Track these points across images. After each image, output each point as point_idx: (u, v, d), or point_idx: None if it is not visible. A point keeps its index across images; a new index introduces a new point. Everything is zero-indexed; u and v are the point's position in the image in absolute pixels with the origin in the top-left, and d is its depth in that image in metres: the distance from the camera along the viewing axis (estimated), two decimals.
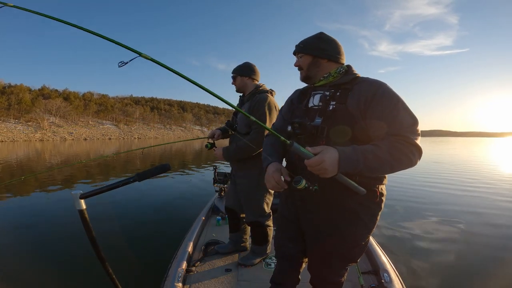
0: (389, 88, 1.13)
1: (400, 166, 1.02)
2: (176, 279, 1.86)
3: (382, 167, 1.01)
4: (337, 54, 1.26)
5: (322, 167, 0.96)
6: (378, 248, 2.30)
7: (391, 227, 4.08)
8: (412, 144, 1.01)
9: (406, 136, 1.02)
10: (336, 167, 0.97)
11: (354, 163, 0.98)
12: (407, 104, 1.10)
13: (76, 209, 1.22)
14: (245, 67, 2.24)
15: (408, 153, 1.00)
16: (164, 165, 1.25)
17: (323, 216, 1.22)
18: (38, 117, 64.47)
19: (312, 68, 1.27)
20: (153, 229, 4.02)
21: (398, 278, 1.91)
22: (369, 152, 0.99)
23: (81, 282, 2.60)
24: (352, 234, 1.20)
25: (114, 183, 1.23)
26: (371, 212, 1.19)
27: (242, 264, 2.21)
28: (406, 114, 1.06)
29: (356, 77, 1.21)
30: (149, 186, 6.96)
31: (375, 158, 0.99)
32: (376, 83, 1.15)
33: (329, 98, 1.21)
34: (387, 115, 1.06)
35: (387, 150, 1.00)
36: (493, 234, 3.90)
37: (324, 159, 0.95)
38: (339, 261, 1.28)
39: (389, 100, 1.09)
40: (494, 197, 6.28)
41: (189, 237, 2.52)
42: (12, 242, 3.51)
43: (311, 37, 1.28)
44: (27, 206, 5.24)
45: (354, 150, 1.00)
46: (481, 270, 2.89)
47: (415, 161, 1.03)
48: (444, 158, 17.63)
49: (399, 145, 1.00)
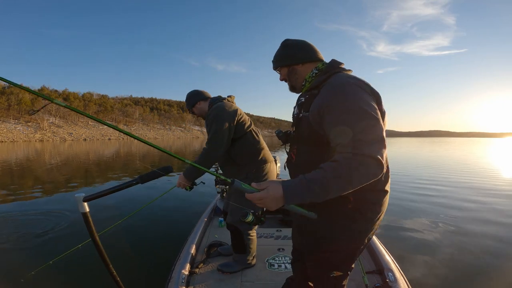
0: (345, 92, 1.02)
1: (353, 184, 0.92)
2: (180, 281, 1.85)
3: (332, 192, 0.93)
4: (308, 53, 1.24)
5: (263, 202, 0.97)
6: (382, 248, 2.30)
7: (395, 227, 4.08)
8: (362, 155, 0.91)
9: (354, 148, 0.92)
10: (281, 202, 0.96)
11: (299, 197, 0.95)
12: (365, 109, 0.98)
13: (80, 211, 1.22)
14: (190, 97, 2.22)
15: (358, 167, 0.90)
16: (167, 167, 1.25)
17: (304, 220, 1.25)
18: (38, 117, 64.44)
19: (292, 76, 1.27)
20: (156, 231, 4.01)
21: (403, 277, 1.90)
22: (314, 183, 0.92)
23: (85, 284, 2.59)
24: (327, 240, 1.20)
25: (117, 185, 1.22)
26: (346, 217, 1.15)
27: (220, 270, 2.12)
28: (356, 122, 0.96)
29: (327, 77, 1.14)
30: (151, 188, 6.95)
31: (321, 187, 0.92)
32: (333, 88, 1.06)
33: (301, 106, 1.22)
34: (335, 125, 0.99)
35: (332, 172, 0.92)
36: (500, 233, 3.89)
37: (267, 195, 0.96)
38: (319, 267, 1.29)
39: (338, 108, 1.00)
40: (499, 196, 6.27)
41: (191, 239, 2.51)
42: (14, 243, 3.50)
43: (279, 48, 1.29)
44: (28, 206, 5.23)
45: (299, 184, 0.94)
46: (487, 268, 2.88)
47: (372, 173, 0.92)
48: (447, 158, 17.63)
49: (345, 162, 0.91)
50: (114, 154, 19.32)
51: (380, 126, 0.97)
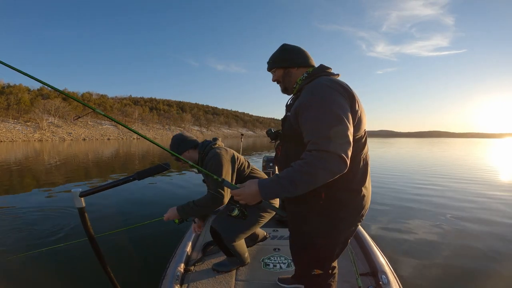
0: (317, 93, 1.10)
1: (318, 179, 1.00)
2: (174, 279, 1.87)
3: (300, 186, 1.02)
4: (303, 59, 1.33)
5: (242, 197, 1.13)
6: (376, 250, 2.31)
7: (389, 228, 4.09)
8: (326, 151, 0.98)
9: (319, 145, 1.00)
10: (258, 197, 1.10)
11: (272, 192, 1.07)
12: (332, 109, 1.05)
13: (76, 207, 1.24)
14: (178, 144, 2.09)
15: (322, 163, 0.98)
16: (164, 164, 1.27)
17: (288, 217, 1.41)
18: (37, 117, 64.28)
19: (286, 78, 1.36)
20: (151, 228, 4.01)
21: (396, 280, 1.91)
22: (284, 178, 1.03)
23: (79, 281, 2.59)
24: (301, 233, 1.32)
25: (114, 181, 1.24)
26: (318, 214, 1.22)
27: (215, 269, 2.13)
28: (323, 121, 1.03)
29: (310, 80, 1.23)
30: (147, 185, 6.96)
31: (290, 182, 1.02)
32: (308, 90, 1.15)
33: (287, 107, 1.36)
34: (305, 123, 1.10)
35: (299, 168, 1.01)
36: (493, 235, 3.90)
37: (243, 192, 1.12)
38: (299, 264, 1.47)
39: (310, 109, 1.09)
40: (493, 197, 6.30)
41: (187, 237, 2.53)
42: (11, 242, 3.50)
43: (277, 51, 1.37)
44: (26, 204, 5.23)
45: (271, 181, 1.07)
46: (482, 271, 2.89)
47: (336, 169, 0.99)
48: (441, 158, 17.65)
49: (311, 158, 1.00)
50: (113, 154, 19.29)
51: (345, 125, 1.03)
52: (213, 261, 2.28)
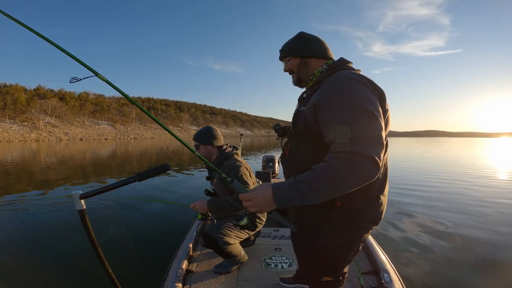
0: (344, 87, 0.96)
1: (346, 185, 0.84)
2: (176, 279, 1.85)
3: (323, 194, 0.86)
4: (323, 50, 1.20)
5: (252, 204, 0.94)
6: (378, 248, 2.30)
7: (391, 227, 4.10)
8: (357, 153, 0.83)
9: (348, 146, 0.85)
10: (271, 203, 0.91)
11: (288, 198, 0.89)
12: (363, 105, 0.91)
13: (76, 209, 1.21)
14: (206, 135, 2.18)
15: (352, 167, 0.83)
16: (164, 165, 1.25)
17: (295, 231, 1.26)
18: (34, 117, 63.95)
19: (302, 69, 1.21)
20: (153, 228, 4.00)
21: (398, 278, 1.90)
22: (303, 183, 0.87)
23: (81, 282, 2.57)
24: (314, 246, 1.16)
25: (114, 183, 1.22)
26: (333, 226, 1.09)
27: (217, 272, 2.11)
28: (353, 119, 0.88)
29: (330, 73, 1.10)
30: (148, 186, 6.93)
31: (311, 188, 0.86)
32: (331, 83, 1.01)
33: (301, 101, 1.18)
34: (330, 121, 0.93)
35: (322, 172, 0.85)
36: (494, 233, 3.92)
37: (256, 196, 0.93)
38: (307, 271, 1.31)
39: (335, 105, 0.93)
40: (497, 197, 6.33)
41: (189, 237, 2.51)
42: (11, 242, 3.47)
43: (293, 38, 1.23)
44: (27, 206, 5.19)
45: (288, 186, 0.89)
46: (483, 270, 2.90)
47: (367, 174, 0.84)
48: (443, 158, 17.73)
49: (338, 161, 0.84)
50: (110, 154, 19.21)
51: (379, 124, 0.89)
52: (215, 260, 2.27)
